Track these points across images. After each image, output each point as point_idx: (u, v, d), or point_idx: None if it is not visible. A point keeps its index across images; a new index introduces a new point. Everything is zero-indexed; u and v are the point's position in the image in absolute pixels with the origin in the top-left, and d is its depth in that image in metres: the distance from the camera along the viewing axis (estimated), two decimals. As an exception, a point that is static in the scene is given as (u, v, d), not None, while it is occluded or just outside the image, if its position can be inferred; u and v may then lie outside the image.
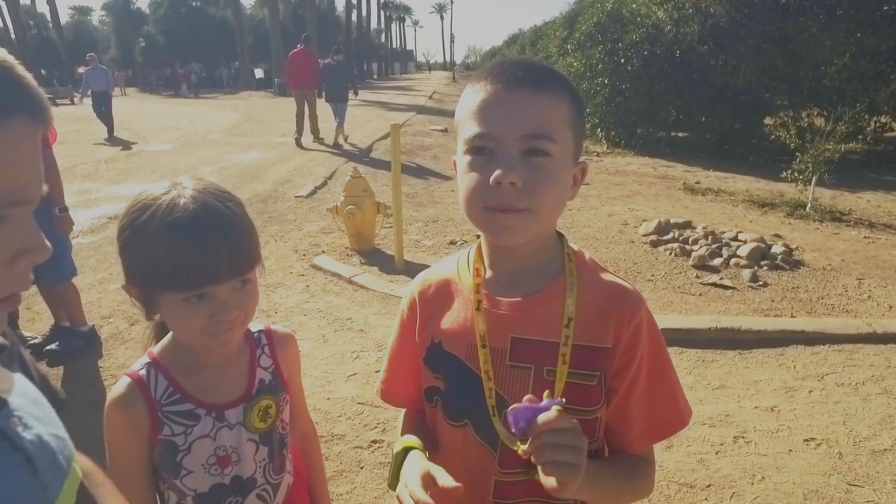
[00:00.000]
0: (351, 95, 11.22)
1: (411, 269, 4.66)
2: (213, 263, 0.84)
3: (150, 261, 0.83)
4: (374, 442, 2.58)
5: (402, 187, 4.79)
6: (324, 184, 7.71)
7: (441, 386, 0.92)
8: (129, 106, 23.06)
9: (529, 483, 0.84)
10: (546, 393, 0.72)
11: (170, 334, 0.99)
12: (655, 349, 0.86)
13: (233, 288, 0.88)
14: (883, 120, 11.40)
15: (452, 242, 5.39)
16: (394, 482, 0.87)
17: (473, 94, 0.81)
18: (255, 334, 1.05)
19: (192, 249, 0.82)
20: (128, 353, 3.35)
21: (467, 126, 0.80)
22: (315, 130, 10.91)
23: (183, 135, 13.12)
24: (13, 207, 0.51)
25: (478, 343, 0.86)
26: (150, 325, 1.01)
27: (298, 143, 10.56)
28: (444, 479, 0.75)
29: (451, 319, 0.91)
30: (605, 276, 0.88)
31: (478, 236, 0.93)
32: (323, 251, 5.09)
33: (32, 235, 0.54)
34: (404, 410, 1.06)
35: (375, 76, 57.35)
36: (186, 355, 0.96)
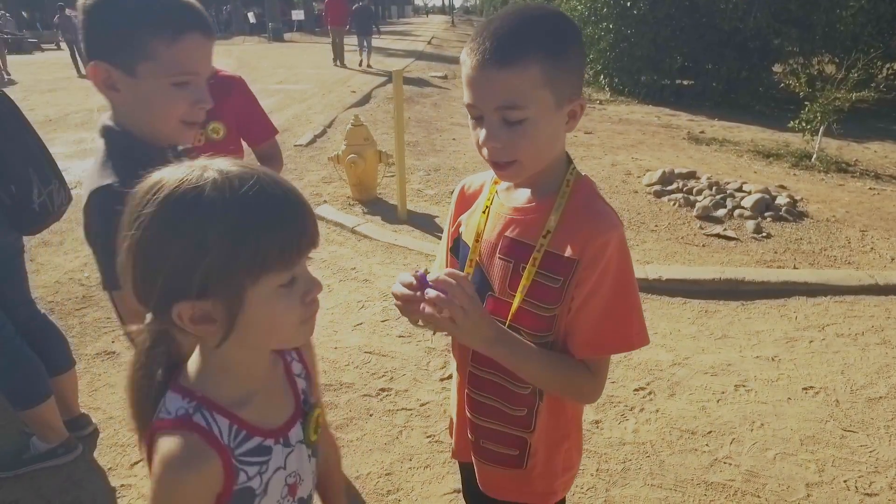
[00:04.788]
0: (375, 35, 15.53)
1: (414, 219, 4.63)
2: (309, 233, 0.73)
3: (242, 250, 0.67)
4: (383, 390, 2.63)
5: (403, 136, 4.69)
6: (323, 132, 7.57)
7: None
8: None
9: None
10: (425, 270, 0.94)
11: (195, 366, 0.79)
12: (620, 273, 0.96)
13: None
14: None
15: (455, 193, 5.33)
16: None
17: (464, 62, 0.93)
18: None
19: (291, 220, 0.71)
20: (134, 303, 3.37)
21: (464, 90, 0.95)
22: (341, 58, 15.28)
23: (176, 81, 12.75)
24: (191, 76, 1.10)
25: (476, 238, 1.07)
26: (138, 358, 0.77)
27: (335, 64, 15.12)
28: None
29: (472, 215, 1.11)
30: (594, 203, 1.00)
31: None
32: (325, 201, 5.05)
33: (204, 93, 1.12)
34: None
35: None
36: (228, 383, 0.79)
